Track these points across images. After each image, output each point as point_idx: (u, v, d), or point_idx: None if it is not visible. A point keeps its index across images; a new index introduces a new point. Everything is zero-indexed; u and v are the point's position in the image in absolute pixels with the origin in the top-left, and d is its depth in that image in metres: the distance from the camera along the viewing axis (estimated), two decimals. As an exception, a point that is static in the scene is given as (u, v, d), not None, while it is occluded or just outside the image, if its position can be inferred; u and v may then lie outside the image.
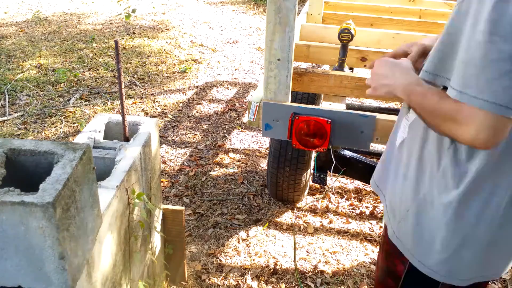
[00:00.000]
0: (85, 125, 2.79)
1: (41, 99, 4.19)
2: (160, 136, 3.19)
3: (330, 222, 2.78)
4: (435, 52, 1.03)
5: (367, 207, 2.92)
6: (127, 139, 1.59)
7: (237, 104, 4.33)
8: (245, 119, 4.04)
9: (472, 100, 0.88)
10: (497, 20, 0.84)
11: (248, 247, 2.55)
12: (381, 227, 2.74)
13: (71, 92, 4.36)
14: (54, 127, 3.75)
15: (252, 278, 2.33)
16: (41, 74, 4.71)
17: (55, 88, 4.41)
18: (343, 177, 3.20)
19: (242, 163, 3.37)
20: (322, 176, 2.54)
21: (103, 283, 1.29)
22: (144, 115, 4.03)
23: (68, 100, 4.20)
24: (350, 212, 2.88)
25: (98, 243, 1.21)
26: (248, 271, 2.38)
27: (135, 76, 4.82)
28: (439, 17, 3.08)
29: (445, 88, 0.99)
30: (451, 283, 1.13)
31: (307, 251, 2.53)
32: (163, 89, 4.57)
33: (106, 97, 4.29)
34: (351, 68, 3.10)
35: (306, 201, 2.96)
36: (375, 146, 2.99)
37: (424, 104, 1.01)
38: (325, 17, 3.16)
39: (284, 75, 1.74)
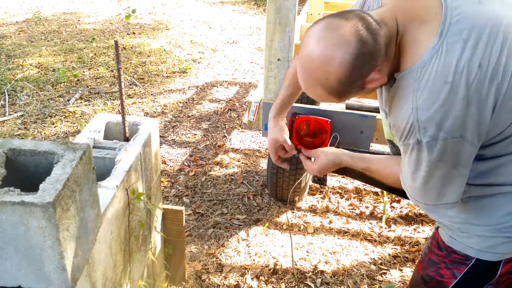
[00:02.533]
0: (85, 125, 2.79)
1: (41, 99, 4.19)
2: (160, 136, 3.19)
3: (330, 222, 2.78)
4: None
5: (367, 207, 2.92)
6: (127, 139, 1.59)
7: (237, 104, 4.33)
8: (245, 119, 4.04)
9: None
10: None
11: (248, 247, 2.55)
12: (381, 227, 2.74)
13: (71, 92, 4.36)
14: (54, 127, 3.75)
15: (252, 278, 2.33)
16: (41, 74, 4.71)
17: (55, 88, 4.41)
18: (343, 177, 3.20)
19: (242, 163, 3.37)
20: (322, 176, 2.54)
21: (103, 283, 1.29)
22: (144, 115, 4.03)
23: (68, 100, 4.20)
24: (350, 212, 2.88)
25: (98, 243, 1.21)
26: (248, 271, 2.38)
27: (135, 76, 4.82)
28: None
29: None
30: None
31: (307, 251, 2.53)
32: (163, 89, 4.57)
33: (106, 97, 4.29)
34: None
35: (306, 201, 2.96)
36: (375, 146, 2.99)
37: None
38: (325, 17, 3.15)
39: (284, 75, 1.74)
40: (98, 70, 4.89)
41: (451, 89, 0.96)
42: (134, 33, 6.19)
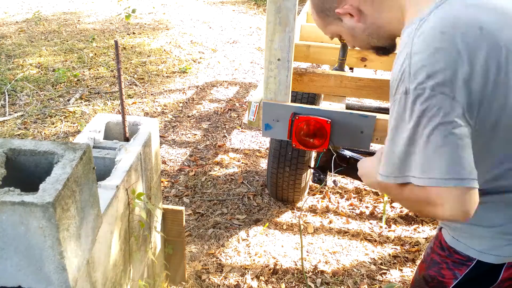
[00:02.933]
0: (85, 125, 2.80)
1: (41, 99, 4.19)
2: (160, 136, 3.19)
3: (330, 222, 2.78)
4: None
5: (367, 207, 2.92)
6: (127, 139, 1.59)
7: (237, 104, 4.33)
8: (245, 119, 4.04)
9: (435, 181, 0.93)
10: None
11: (248, 247, 2.55)
12: (381, 227, 2.74)
13: (71, 92, 4.36)
14: (54, 127, 3.75)
15: (252, 278, 2.33)
16: (41, 74, 4.71)
17: (55, 88, 4.41)
18: (343, 177, 3.19)
19: (242, 163, 3.37)
20: (322, 176, 2.54)
21: (103, 283, 1.29)
22: (144, 115, 4.03)
23: (68, 100, 4.20)
24: (350, 212, 2.88)
25: (98, 243, 1.20)
26: (248, 271, 2.38)
27: (135, 76, 4.82)
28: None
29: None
30: None
31: (307, 251, 2.53)
32: (163, 89, 4.57)
33: (106, 97, 4.29)
34: (351, 68, 3.10)
35: (305, 201, 2.96)
36: (375, 146, 2.99)
37: (396, 197, 1.09)
38: (325, 17, 3.15)
39: (284, 75, 1.74)
40: (98, 70, 4.89)
41: (447, 39, 0.94)
42: (134, 33, 6.19)
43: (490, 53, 0.95)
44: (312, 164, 2.71)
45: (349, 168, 2.44)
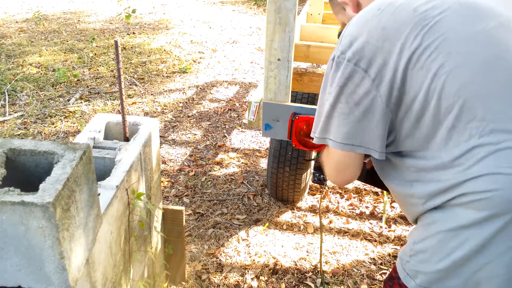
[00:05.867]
0: (85, 125, 2.79)
1: (41, 99, 4.19)
2: (160, 136, 3.19)
3: (330, 222, 2.78)
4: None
5: (367, 207, 2.92)
6: (127, 139, 1.59)
7: (237, 104, 4.33)
8: (245, 119, 4.04)
9: (327, 141, 1.06)
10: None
11: (248, 247, 2.55)
12: (381, 227, 2.74)
13: (71, 92, 4.36)
14: (54, 127, 3.75)
15: (252, 278, 2.33)
16: (41, 74, 4.71)
17: (55, 88, 4.41)
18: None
19: (242, 163, 3.37)
20: (322, 176, 2.54)
21: (103, 283, 1.29)
22: (144, 115, 4.03)
23: (68, 100, 4.20)
24: (350, 212, 2.88)
25: (98, 243, 1.20)
26: (248, 271, 2.38)
27: (135, 76, 4.82)
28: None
29: None
30: None
31: (307, 251, 2.53)
32: (163, 89, 4.57)
33: (106, 97, 4.29)
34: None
35: (306, 201, 2.95)
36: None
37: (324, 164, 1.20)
38: (325, 17, 3.16)
39: (284, 75, 1.74)
40: (98, 70, 4.89)
41: (378, 15, 0.97)
42: (134, 33, 6.19)
43: (412, 34, 0.93)
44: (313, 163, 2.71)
45: None
